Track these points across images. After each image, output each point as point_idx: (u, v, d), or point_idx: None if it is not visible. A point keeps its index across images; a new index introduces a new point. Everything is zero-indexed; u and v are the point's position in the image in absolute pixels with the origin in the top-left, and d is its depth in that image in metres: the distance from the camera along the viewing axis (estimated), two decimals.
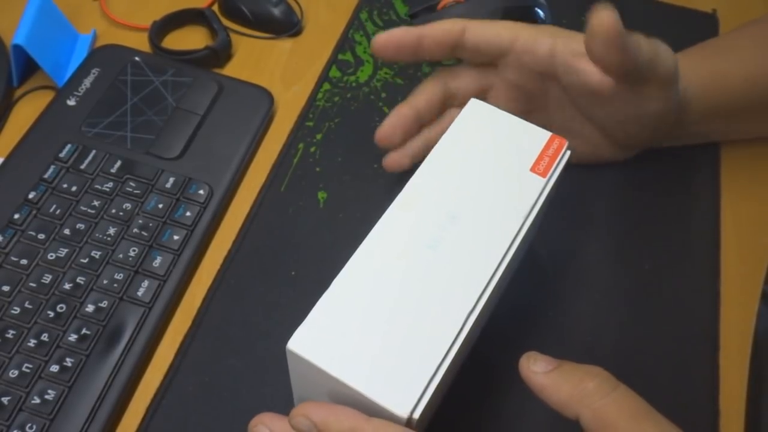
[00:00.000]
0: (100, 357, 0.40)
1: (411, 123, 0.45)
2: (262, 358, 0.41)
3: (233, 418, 0.39)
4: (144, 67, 0.53)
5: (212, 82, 0.52)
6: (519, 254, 0.36)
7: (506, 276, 0.35)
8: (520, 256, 0.38)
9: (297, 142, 0.51)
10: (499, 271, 0.33)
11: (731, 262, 0.47)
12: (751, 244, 0.48)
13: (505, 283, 0.37)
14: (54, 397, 0.38)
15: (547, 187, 0.36)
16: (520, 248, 0.35)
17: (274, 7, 0.57)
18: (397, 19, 0.59)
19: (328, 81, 0.55)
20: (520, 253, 0.37)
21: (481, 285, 0.32)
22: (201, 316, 0.43)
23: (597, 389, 0.30)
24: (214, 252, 0.46)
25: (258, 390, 0.40)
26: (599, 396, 0.30)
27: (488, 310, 0.35)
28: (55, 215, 0.45)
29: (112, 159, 0.47)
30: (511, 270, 0.37)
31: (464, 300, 0.32)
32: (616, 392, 0.30)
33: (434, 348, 0.30)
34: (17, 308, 0.41)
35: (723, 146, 0.52)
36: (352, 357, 0.30)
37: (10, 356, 0.39)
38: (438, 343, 0.31)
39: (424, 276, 0.32)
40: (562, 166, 0.37)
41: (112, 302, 0.42)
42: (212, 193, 0.47)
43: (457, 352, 0.31)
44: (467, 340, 0.32)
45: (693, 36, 0.51)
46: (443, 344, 0.31)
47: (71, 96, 0.51)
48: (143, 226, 0.45)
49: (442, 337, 0.31)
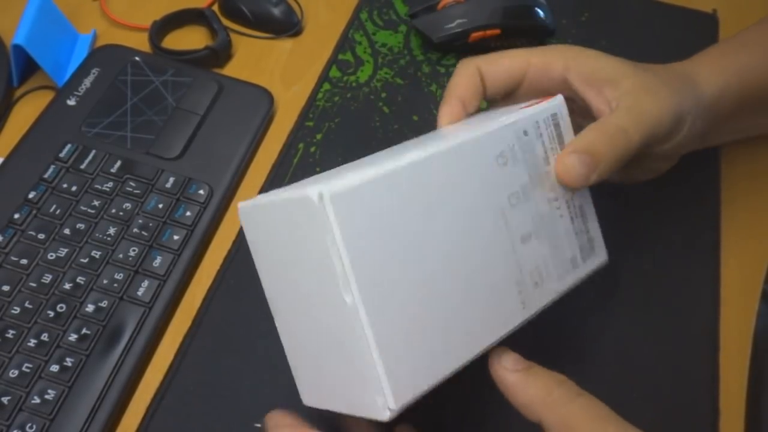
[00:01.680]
0: (100, 357, 0.40)
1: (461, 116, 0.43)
2: (262, 358, 0.41)
3: (233, 418, 0.39)
4: (144, 67, 0.53)
5: (212, 82, 0.52)
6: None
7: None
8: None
9: (297, 142, 0.51)
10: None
11: (731, 262, 0.47)
12: (751, 245, 0.48)
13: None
14: (54, 397, 0.38)
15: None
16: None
17: (274, 7, 0.57)
18: (397, 19, 0.59)
19: (328, 81, 0.55)
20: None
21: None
22: (201, 316, 0.43)
23: (563, 395, 0.30)
24: (214, 252, 0.46)
25: (258, 390, 0.40)
26: (564, 401, 0.30)
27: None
28: (55, 215, 0.45)
29: (112, 159, 0.47)
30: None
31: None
32: (581, 398, 0.30)
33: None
34: (17, 308, 0.41)
35: (723, 147, 0.52)
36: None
37: (10, 356, 0.39)
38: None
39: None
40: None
41: (112, 302, 0.42)
42: (212, 193, 0.47)
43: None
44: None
45: (693, 36, 0.52)
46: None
47: (71, 96, 0.51)
48: (143, 226, 0.45)
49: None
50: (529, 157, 0.34)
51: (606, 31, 0.59)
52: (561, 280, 0.34)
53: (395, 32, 0.58)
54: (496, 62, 0.41)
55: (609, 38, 0.59)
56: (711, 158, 0.51)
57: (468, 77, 0.40)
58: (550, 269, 0.33)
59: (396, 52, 0.57)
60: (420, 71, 0.56)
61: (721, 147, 0.52)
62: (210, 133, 0.50)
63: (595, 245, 0.36)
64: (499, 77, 0.41)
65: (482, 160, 0.32)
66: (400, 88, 0.55)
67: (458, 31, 0.55)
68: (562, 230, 0.34)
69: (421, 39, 0.58)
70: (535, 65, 0.41)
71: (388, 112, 0.53)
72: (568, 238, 0.35)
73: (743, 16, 0.61)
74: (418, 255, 0.29)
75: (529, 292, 0.32)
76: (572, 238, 0.35)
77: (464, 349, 0.30)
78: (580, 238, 0.35)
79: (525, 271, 0.32)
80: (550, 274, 0.33)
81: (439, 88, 0.55)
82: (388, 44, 0.58)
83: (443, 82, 0.55)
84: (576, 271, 0.35)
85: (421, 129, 0.52)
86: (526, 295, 0.32)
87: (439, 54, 0.57)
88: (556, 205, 0.35)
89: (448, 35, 0.55)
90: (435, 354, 0.29)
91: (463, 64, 0.41)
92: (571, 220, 0.35)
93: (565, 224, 0.35)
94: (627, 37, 0.59)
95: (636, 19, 0.61)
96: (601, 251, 0.37)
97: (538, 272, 0.33)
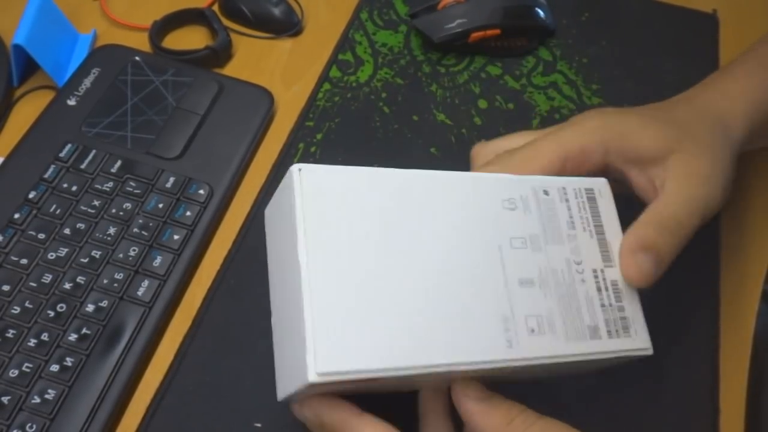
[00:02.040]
0: (100, 357, 0.40)
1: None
2: (262, 358, 0.41)
3: (233, 418, 0.39)
4: (144, 66, 0.53)
5: (212, 82, 0.52)
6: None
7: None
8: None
9: (297, 142, 0.51)
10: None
11: (731, 262, 0.47)
12: (751, 245, 0.48)
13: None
14: (54, 397, 0.38)
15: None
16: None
17: (275, 7, 0.57)
18: (397, 19, 0.59)
19: (328, 81, 0.55)
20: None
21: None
22: (201, 316, 0.43)
23: (523, 421, 0.32)
24: (214, 252, 0.46)
25: (258, 390, 0.40)
26: (524, 427, 0.31)
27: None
28: (56, 215, 0.45)
29: (113, 159, 0.47)
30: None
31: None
32: (541, 421, 0.32)
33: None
34: (17, 308, 0.41)
35: None
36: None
37: (10, 356, 0.39)
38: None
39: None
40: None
41: (112, 302, 0.42)
42: (212, 193, 0.47)
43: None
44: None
45: (693, 36, 0.52)
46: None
47: (71, 96, 0.51)
48: (143, 225, 0.45)
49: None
50: (547, 214, 0.35)
51: (606, 31, 0.59)
52: (570, 343, 0.33)
53: (395, 32, 0.58)
54: (530, 165, 0.38)
55: (609, 38, 0.59)
56: None
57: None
58: (556, 325, 0.33)
59: (396, 52, 0.57)
60: (420, 71, 0.56)
61: None
62: (210, 133, 0.50)
63: (631, 328, 0.35)
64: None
65: (486, 197, 0.34)
66: (401, 88, 0.55)
67: (458, 31, 0.55)
68: (581, 294, 0.34)
69: (421, 39, 0.58)
70: (573, 158, 0.38)
71: (388, 112, 0.53)
72: (588, 305, 0.34)
73: (743, 16, 0.61)
74: (390, 250, 0.31)
75: (520, 334, 0.33)
76: (595, 308, 0.34)
77: (418, 355, 0.30)
78: (608, 312, 0.34)
79: (518, 313, 0.33)
80: (555, 331, 0.33)
81: (439, 87, 0.55)
82: (388, 44, 0.58)
83: (443, 82, 0.55)
84: (596, 343, 0.34)
85: (421, 129, 0.53)
86: (514, 336, 0.32)
87: (439, 54, 0.57)
88: (578, 269, 0.35)
89: (449, 35, 0.55)
90: (382, 345, 0.30)
91: (493, 168, 0.39)
92: (598, 290, 0.35)
93: (587, 291, 0.34)
94: (627, 37, 0.59)
95: (636, 19, 0.61)
96: (640, 338, 0.35)
97: (538, 321, 0.33)
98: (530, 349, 0.32)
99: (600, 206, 0.37)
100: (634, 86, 0.56)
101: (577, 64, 0.57)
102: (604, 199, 0.37)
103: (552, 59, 0.57)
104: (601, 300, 0.34)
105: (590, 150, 0.38)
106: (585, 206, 0.36)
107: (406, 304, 0.31)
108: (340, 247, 0.30)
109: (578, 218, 0.36)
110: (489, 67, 0.57)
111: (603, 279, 0.35)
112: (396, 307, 0.30)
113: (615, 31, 0.59)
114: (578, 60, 0.57)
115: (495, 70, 0.56)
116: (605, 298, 0.35)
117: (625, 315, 0.35)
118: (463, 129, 0.53)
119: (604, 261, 0.35)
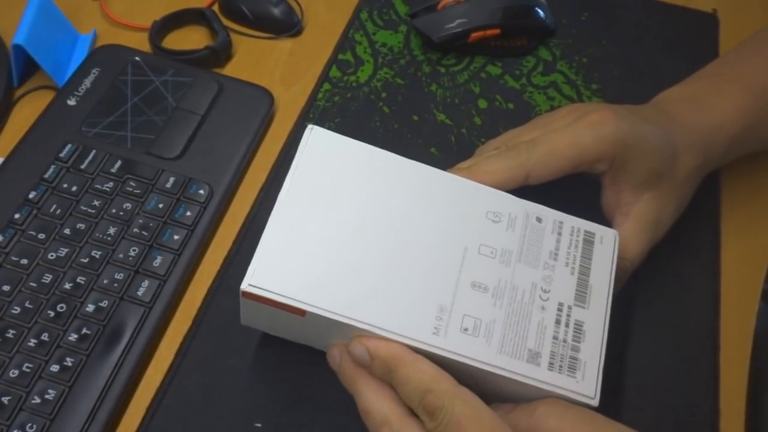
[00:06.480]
0: (101, 357, 0.40)
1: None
2: (262, 358, 0.41)
3: (233, 418, 0.39)
4: (144, 67, 0.53)
5: (212, 82, 0.52)
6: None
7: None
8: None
9: (297, 142, 0.51)
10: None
11: (731, 262, 0.47)
12: (751, 244, 0.48)
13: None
14: (54, 397, 0.38)
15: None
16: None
17: (274, 7, 0.57)
18: (397, 19, 0.59)
19: (328, 81, 0.55)
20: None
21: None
22: (201, 316, 0.43)
23: (547, 410, 0.32)
24: (214, 252, 0.46)
25: (258, 390, 0.40)
26: (553, 416, 0.32)
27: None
28: (56, 215, 0.45)
29: (113, 159, 0.47)
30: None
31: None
32: (572, 409, 0.32)
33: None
34: (17, 308, 0.41)
35: None
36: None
37: (10, 356, 0.39)
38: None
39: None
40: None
41: (113, 302, 0.42)
42: (212, 193, 0.47)
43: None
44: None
45: (693, 36, 0.52)
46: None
47: (71, 96, 0.51)
48: (143, 225, 0.45)
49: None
50: (531, 238, 0.36)
51: (606, 31, 0.59)
52: (502, 356, 0.33)
53: (395, 32, 0.58)
54: (550, 163, 0.40)
55: (609, 38, 0.59)
56: None
57: (512, 179, 0.39)
58: (494, 335, 0.33)
59: (396, 52, 0.57)
60: (420, 71, 0.56)
61: None
62: (210, 133, 0.50)
63: (579, 371, 0.34)
64: (551, 173, 0.40)
65: (472, 204, 0.37)
66: (401, 88, 0.55)
67: (458, 30, 0.55)
68: (535, 318, 0.34)
69: (421, 39, 0.58)
70: (585, 164, 0.40)
71: (388, 112, 0.53)
72: (538, 331, 0.34)
73: (743, 16, 0.61)
74: (360, 215, 0.35)
75: (450, 327, 0.33)
76: (545, 336, 0.34)
77: (345, 306, 0.33)
78: (558, 346, 0.34)
79: (457, 308, 0.34)
80: (491, 341, 0.33)
81: (439, 87, 0.55)
82: (388, 44, 0.58)
83: (443, 82, 0.55)
84: (531, 368, 0.33)
85: (421, 129, 0.53)
86: (443, 327, 0.33)
87: (439, 54, 0.57)
88: (543, 296, 0.35)
89: (449, 35, 0.55)
90: (318, 286, 0.33)
91: (509, 160, 0.40)
92: (556, 323, 0.34)
93: (543, 318, 0.34)
94: (627, 37, 0.59)
95: (636, 19, 0.61)
96: (585, 385, 0.33)
97: (474, 324, 0.34)
98: (455, 345, 0.33)
99: (595, 251, 0.37)
100: (634, 86, 0.56)
101: (577, 63, 0.57)
102: (604, 248, 0.37)
103: (552, 59, 0.57)
104: (555, 332, 0.34)
105: (601, 160, 0.40)
106: (578, 245, 0.37)
107: (354, 263, 0.34)
108: (318, 198, 0.35)
109: (564, 253, 0.37)
110: (489, 67, 0.57)
111: (567, 315, 0.35)
112: (343, 261, 0.34)
113: (615, 31, 0.59)
114: (578, 60, 0.57)
115: (495, 70, 0.56)
116: (561, 332, 0.34)
117: (577, 356, 0.34)
118: (463, 129, 0.53)
119: (576, 300, 0.35)
